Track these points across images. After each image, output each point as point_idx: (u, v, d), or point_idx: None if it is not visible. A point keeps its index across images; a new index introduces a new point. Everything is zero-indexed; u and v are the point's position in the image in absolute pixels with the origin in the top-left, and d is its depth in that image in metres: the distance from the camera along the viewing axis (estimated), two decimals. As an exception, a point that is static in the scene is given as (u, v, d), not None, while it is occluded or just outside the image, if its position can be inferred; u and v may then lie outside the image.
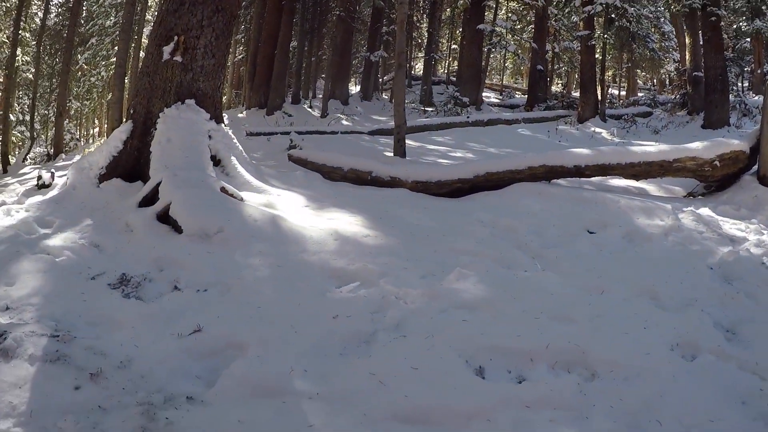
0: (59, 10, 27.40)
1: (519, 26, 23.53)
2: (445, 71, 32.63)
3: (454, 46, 31.19)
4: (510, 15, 24.11)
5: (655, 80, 35.64)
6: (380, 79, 26.40)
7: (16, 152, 27.00)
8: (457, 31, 23.84)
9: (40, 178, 7.11)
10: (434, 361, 2.93)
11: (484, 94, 22.87)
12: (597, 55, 17.81)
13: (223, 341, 3.20)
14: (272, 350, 3.06)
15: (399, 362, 2.92)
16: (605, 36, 17.41)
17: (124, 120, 6.40)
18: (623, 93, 31.51)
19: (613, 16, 16.93)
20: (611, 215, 5.69)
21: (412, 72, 30.44)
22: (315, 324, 3.33)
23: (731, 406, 2.79)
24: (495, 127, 15.76)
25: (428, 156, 11.20)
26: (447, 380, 2.78)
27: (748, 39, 32.34)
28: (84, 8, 24.15)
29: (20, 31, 18.73)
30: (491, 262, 4.27)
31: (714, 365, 3.09)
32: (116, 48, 14.77)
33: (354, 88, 28.14)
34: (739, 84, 34.81)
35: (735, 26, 31.76)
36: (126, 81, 15.34)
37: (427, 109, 19.78)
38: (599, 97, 17.00)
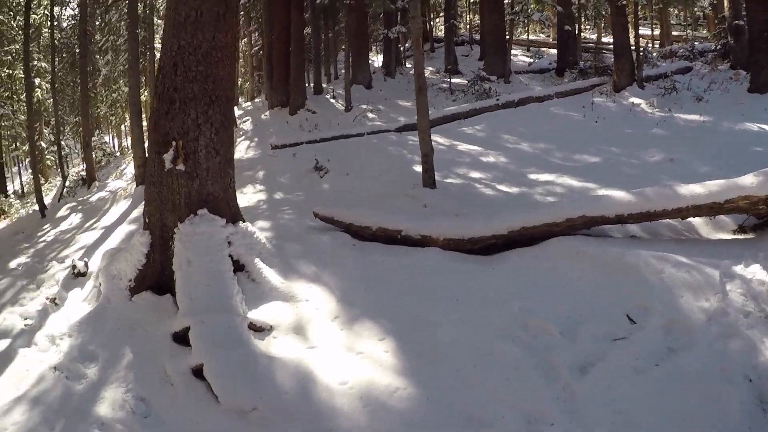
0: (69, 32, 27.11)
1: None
2: (467, 27, 31.60)
3: None
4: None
5: (689, 17, 33.93)
6: (401, 48, 25.54)
7: (50, 177, 27.54)
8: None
9: (75, 267, 7.28)
10: None
11: (512, 51, 21.96)
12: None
13: None
14: None
15: None
16: (638, -4, 16.30)
17: (143, 224, 6.19)
18: (656, 33, 30.10)
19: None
20: (653, 294, 5.21)
21: (434, 34, 29.46)
22: None
23: None
24: (527, 108, 15.05)
25: (459, 166, 10.73)
26: None
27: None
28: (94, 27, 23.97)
29: (34, 62, 18.72)
30: (519, 417, 3.98)
31: None
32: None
33: (376, 59, 27.38)
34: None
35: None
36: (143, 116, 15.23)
37: (452, 80, 19.04)
38: (635, 62, 15.91)
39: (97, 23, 25.24)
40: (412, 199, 8.61)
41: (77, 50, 21.78)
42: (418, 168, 9.94)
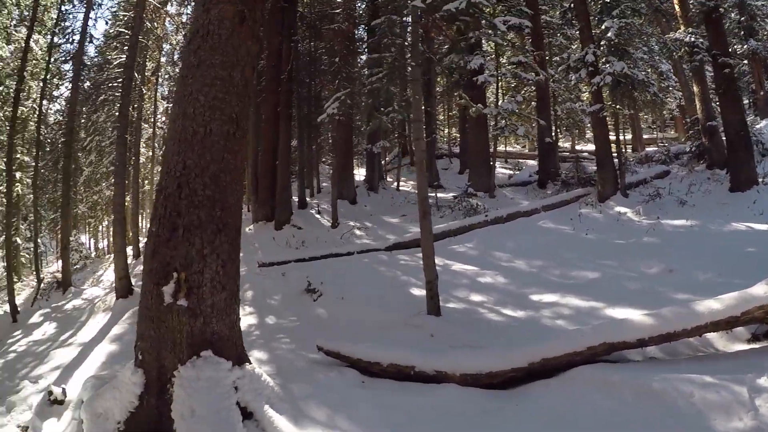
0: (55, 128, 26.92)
1: (522, 102, 22.72)
2: (446, 140, 32.23)
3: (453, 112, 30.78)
4: (511, 92, 23.38)
5: (657, 119, 35.20)
6: (383, 162, 25.86)
7: (24, 276, 26.44)
8: (454, 106, 23.07)
9: (51, 393, 6.62)
10: None
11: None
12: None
13: None
14: None
15: None
16: (618, 107, 16.61)
17: (135, 359, 5.49)
18: (629, 137, 31.02)
19: (620, 80, 15.37)
20: (686, 420, 4.97)
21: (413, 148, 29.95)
22: None
23: None
24: (516, 222, 14.94)
25: (457, 289, 10.43)
26: None
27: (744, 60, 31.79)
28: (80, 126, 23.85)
29: (17, 155, 18.22)
30: None
31: None
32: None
33: (358, 172, 27.63)
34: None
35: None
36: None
37: (438, 195, 19.09)
38: (617, 171, 16.00)
39: (83, 121, 25.08)
40: (416, 328, 8.28)
41: (60, 147, 21.30)
42: (416, 291, 9.66)
